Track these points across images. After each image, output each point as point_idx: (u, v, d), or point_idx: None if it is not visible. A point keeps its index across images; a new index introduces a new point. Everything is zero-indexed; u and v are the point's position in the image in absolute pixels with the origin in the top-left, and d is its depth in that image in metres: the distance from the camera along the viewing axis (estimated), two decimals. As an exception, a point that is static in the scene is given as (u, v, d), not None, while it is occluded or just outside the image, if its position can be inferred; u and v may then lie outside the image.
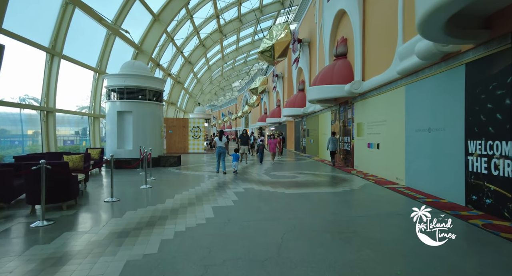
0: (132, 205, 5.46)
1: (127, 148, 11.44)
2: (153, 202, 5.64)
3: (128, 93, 11.33)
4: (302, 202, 5.62)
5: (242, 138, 13.75)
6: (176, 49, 22.84)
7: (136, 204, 5.53)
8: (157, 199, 5.95)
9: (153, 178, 8.61)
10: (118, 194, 6.42)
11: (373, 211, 5.00)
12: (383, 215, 4.69)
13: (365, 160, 10.25)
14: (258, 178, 8.72)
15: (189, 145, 21.22)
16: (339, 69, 11.50)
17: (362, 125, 10.50)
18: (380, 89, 8.87)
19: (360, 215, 4.73)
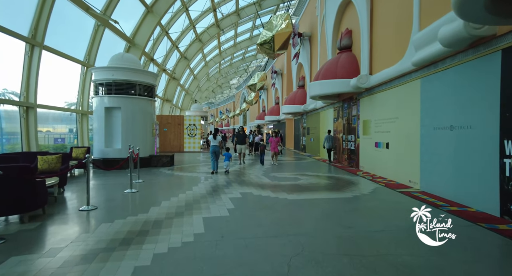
0: (110, 215, 4.67)
1: (115, 147, 10.63)
2: (135, 211, 4.86)
3: (116, 88, 10.50)
4: (308, 211, 4.86)
5: (239, 137, 12.35)
6: (171, 44, 21.96)
7: (114, 213, 4.75)
8: (140, 207, 5.17)
9: (141, 181, 7.82)
10: (97, 200, 5.63)
11: (393, 223, 4.25)
12: (406, 229, 3.94)
13: (372, 160, 9.50)
14: (257, 181, 7.95)
15: (185, 143, 20.41)
16: (343, 62, 10.73)
17: (368, 122, 9.75)
18: (390, 83, 8.11)
19: (380, 230, 3.97)
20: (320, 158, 15.21)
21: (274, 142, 12.20)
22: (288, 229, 3.95)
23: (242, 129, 12.66)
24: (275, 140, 12.22)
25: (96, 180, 8.17)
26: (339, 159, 12.87)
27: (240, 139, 12.32)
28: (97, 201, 5.53)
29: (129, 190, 6.45)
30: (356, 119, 10.96)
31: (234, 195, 6.08)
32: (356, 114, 10.91)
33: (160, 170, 10.26)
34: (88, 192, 5.01)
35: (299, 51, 18.55)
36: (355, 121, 11.06)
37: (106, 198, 5.86)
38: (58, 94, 13.55)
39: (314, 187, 7.12)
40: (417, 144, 6.78)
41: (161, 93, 24.15)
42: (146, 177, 8.69)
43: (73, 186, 7.20)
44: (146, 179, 8.30)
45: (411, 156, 7.09)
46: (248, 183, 7.54)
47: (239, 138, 12.35)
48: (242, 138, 12.34)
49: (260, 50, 12.60)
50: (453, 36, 4.71)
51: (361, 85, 9.33)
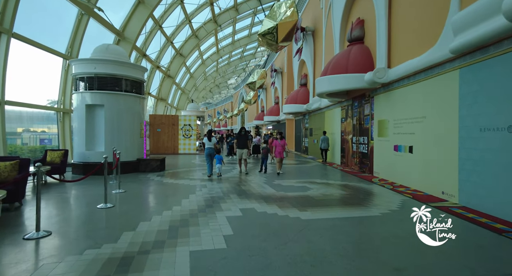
0: (64, 246, 3.45)
1: (98, 149, 9.37)
2: (100, 238, 3.63)
3: (99, 83, 9.25)
4: (332, 241, 3.64)
5: (240, 139, 10.17)
6: (166, 39, 20.72)
7: (70, 244, 3.52)
8: (109, 231, 3.94)
9: (121, 191, 6.58)
10: (57, 220, 4.40)
11: (458, 262, 3.05)
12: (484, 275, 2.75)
13: (390, 166, 8.32)
14: (259, 191, 6.73)
15: (179, 145, 19.17)
16: (355, 55, 9.55)
17: (385, 123, 8.57)
18: (416, 76, 6.93)
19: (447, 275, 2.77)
20: (325, 162, 14.02)
21: (280, 146, 9.84)
22: (311, 274, 2.74)
23: (243, 129, 10.42)
24: (280, 144, 9.87)
25: (70, 191, 6.92)
26: (348, 163, 11.68)
27: (242, 142, 10.10)
28: (55, 222, 4.30)
29: (103, 205, 5.20)
30: (369, 119, 9.78)
31: (233, 212, 4.87)
32: (369, 113, 9.73)
33: (148, 176, 9.02)
34: (38, 212, 3.77)
35: (301, 47, 17.38)
36: (367, 121, 9.88)
37: (69, 217, 4.62)
38: (39, 91, 12.34)
39: (329, 200, 5.92)
40: (454, 148, 5.60)
41: (155, 91, 22.89)
42: (130, 185, 7.44)
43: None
44: (129, 188, 7.06)
45: (444, 162, 5.91)
46: (249, 194, 6.32)
47: (240, 140, 10.16)
48: (244, 141, 10.12)
49: (262, 41, 11.37)
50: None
51: (378, 80, 8.15)
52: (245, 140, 10.17)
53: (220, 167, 9.20)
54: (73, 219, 4.55)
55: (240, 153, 10.09)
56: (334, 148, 13.44)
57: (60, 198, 5.97)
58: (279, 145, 9.83)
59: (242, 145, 10.09)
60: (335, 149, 13.32)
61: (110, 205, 5.23)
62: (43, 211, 4.85)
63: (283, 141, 9.95)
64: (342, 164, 12.41)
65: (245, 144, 10.12)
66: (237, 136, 10.33)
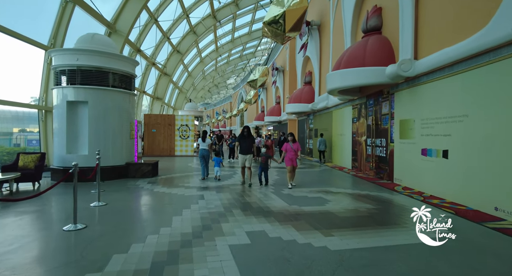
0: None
1: (81, 153, 8.23)
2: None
3: (82, 76, 8.11)
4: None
5: (243, 142, 7.84)
6: (162, 34, 19.59)
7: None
8: (67, 273, 2.80)
9: (101, 204, 5.43)
10: (2, 251, 3.26)
11: None
12: None
13: (415, 172, 7.21)
14: (268, 204, 5.59)
15: (176, 146, 18.02)
16: (373, 47, 8.45)
17: (409, 123, 7.47)
18: (454, 67, 5.83)
19: None
20: (333, 165, 12.92)
21: (292, 151, 7.47)
22: None
23: (247, 129, 8.02)
24: (293, 148, 7.49)
25: (38, 204, 5.76)
26: (361, 168, 10.57)
27: (245, 146, 7.80)
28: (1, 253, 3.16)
29: (71, 227, 4.06)
30: (388, 119, 8.68)
31: (238, 237, 3.74)
32: (389, 112, 8.63)
33: (138, 184, 7.87)
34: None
35: (306, 42, 16.28)
36: (386, 121, 8.77)
37: (19, 247, 3.47)
38: (21, 87, 11.21)
39: (356, 217, 4.80)
40: (510, 153, 4.50)
41: (150, 90, 21.74)
42: (114, 196, 6.30)
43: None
44: (112, 200, 5.91)
45: (496, 170, 4.81)
46: (256, 209, 5.19)
47: (243, 143, 7.83)
48: (249, 145, 7.82)
49: (267, 31, 10.20)
50: None
51: (403, 73, 7.04)
52: (250, 143, 7.86)
53: (219, 170, 8.73)
54: (23, 249, 3.41)
55: (243, 159, 7.83)
56: (344, 151, 12.33)
57: (20, 215, 4.82)
58: (291, 150, 7.50)
59: (245, 150, 7.81)
60: (345, 152, 12.21)
61: (80, 226, 4.08)
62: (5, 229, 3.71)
63: (296, 144, 7.61)
64: (353, 168, 11.29)
65: (250, 148, 7.83)
66: (239, 138, 8.01)
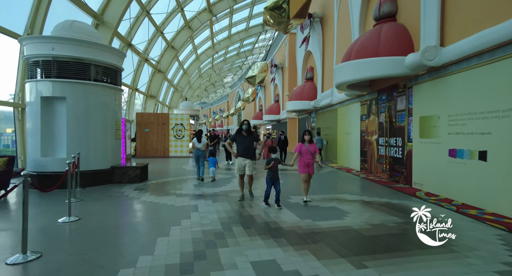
0: None
1: (58, 155, 7.22)
2: None
3: (59, 69, 7.09)
4: None
5: (241, 140, 5.88)
6: (155, 28, 18.55)
7: None
8: None
9: (71, 220, 4.44)
10: None
11: None
12: None
13: (440, 176, 6.29)
14: (275, 219, 4.64)
15: (170, 147, 17.01)
16: (388, 35, 7.52)
17: (433, 120, 6.55)
18: (495, 52, 4.90)
19: None
20: (339, 166, 12.00)
21: (308, 154, 5.64)
22: None
23: (248, 124, 6.01)
24: (310, 150, 5.64)
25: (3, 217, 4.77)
26: (372, 169, 9.66)
27: (245, 146, 5.82)
28: None
29: (18, 258, 3.06)
30: (405, 116, 7.76)
31: (241, 272, 2.78)
32: (405, 108, 7.71)
33: (123, 191, 6.88)
34: None
35: (308, 35, 15.34)
36: (402, 118, 7.86)
37: None
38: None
39: (387, 235, 3.86)
40: None
41: (143, 87, 20.70)
42: (90, 208, 5.31)
43: None
44: (88, 213, 4.93)
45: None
46: (262, 226, 4.23)
47: (241, 143, 5.84)
48: (249, 145, 5.85)
49: (269, 18, 9.16)
50: None
51: (427, 62, 6.12)
52: (251, 142, 5.86)
53: (214, 170, 8.58)
54: None
55: (240, 165, 5.78)
56: (351, 151, 11.41)
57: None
58: (307, 153, 5.61)
59: (245, 151, 5.76)
60: (352, 152, 11.29)
61: (32, 257, 3.09)
62: None
63: (313, 145, 5.72)
64: (362, 170, 10.37)
65: (251, 149, 5.84)
66: (235, 135, 5.98)
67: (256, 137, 6.11)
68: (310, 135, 5.79)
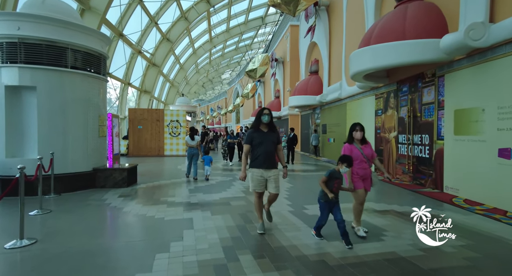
0: None
1: (27, 156, 6.10)
2: None
3: (27, 53, 5.96)
4: None
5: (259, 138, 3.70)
6: (149, 19, 17.37)
7: None
8: None
9: (24, 244, 3.34)
10: None
11: None
12: None
13: (486, 181, 5.23)
14: (293, 240, 3.56)
15: (166, 145, 15.89)
16: (416, 15, 6.45)
17: (474, 113, 5.48)
18: None
19: None
20: (349, 167, 10.92)
21: (363, 160, 3.71)
22: None
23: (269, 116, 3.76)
24: (364, 155, 3.72)
25: None
26: (390, 171, 8.61)
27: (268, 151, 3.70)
28: None
29: None
30: (433, 109, 6.70)
31: None
32: (434, 100, 6.65)
33: (105, 198, 5.78)
34: None
35: (314, 24, 14.23)
36: (430, 112, 6.80)
37: None
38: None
39: (452, 269, 2.81)
40: None
41: (137, 82, 19.52)
42: (56, 223, 4.21)
43: None
44: (50, 231, 3.83)
45: None
46: (278, 253, 3.16)
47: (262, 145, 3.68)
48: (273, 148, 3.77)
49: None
50: None
51: (472, 42, 5.04)
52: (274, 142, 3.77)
53: (209, 169, 8.18)
54: None
55: (261, 179, 3.70)
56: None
57: None
58: (360, 158, 3.70)
59: (267, 157, 3.71)
60: (365, 150, 10.23)
61: None
62: None
63: (369, 147, 3.86)
64: (378, 170, 9.31)
65: (272, 154, 3.76)
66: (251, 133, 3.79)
67: (279, 138, 3.89)
68: (363, 131, 3.78)
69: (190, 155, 8.11)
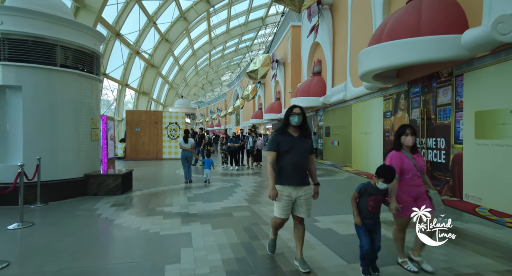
0: None
1: (11, 162, 5.62)
2: None
3: (11, 49, 5.50)
4: None
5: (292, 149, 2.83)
6: (147, 18, 16.93)
7: None
8: None
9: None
10: None
11: None
12: None
13: None
14: (311, 261, 3.05)
15: (164, 148, 15.40)
16: (432, 9, 6.00)
17: (499, 115, 5.02)
18: None
19: None
20: (355, 170, 10.47)
21: (415, 176, 2.83)
22: None
23: (302, 115, 2.89)
24: (417, 166, 2.85)
25: None
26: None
27: (299, 164, 2.87)
28: None
29: None
30: (450, 111, 6.23)
31: None
32: (451, 101, 6.19)
33: (96, 207, 5.29)
34: None
35: (317, 24, 13.79)
36: (447, 113, 6.33)
37: None
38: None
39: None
40: None
41: (135, 83, 19.07)
42: (34, 240, 3.71)
43: None
44: (26, 252, 3.34)
45: None
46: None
47: (293, 154, 2.84)
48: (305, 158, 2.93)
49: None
50: None
51: (500, 37, 4.55)
52: (307, 150, 2.93)
53: (209, 172, 7.98)
54: None
55: (288, 200, 2.86)
56: (371, 153, 9.90)
57: None
58: (414, 175, 2.84)
59: (299, 170, 2.89)
60: (372, 155, 9.77)
61: None
62: None
63: (420, 157, 3.00)
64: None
65: (303, 165, 2.93)
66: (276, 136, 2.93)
67: (312, 143, 3.16)
68: (415, 135, 2.90)
69: (184, 157, 7.90)
